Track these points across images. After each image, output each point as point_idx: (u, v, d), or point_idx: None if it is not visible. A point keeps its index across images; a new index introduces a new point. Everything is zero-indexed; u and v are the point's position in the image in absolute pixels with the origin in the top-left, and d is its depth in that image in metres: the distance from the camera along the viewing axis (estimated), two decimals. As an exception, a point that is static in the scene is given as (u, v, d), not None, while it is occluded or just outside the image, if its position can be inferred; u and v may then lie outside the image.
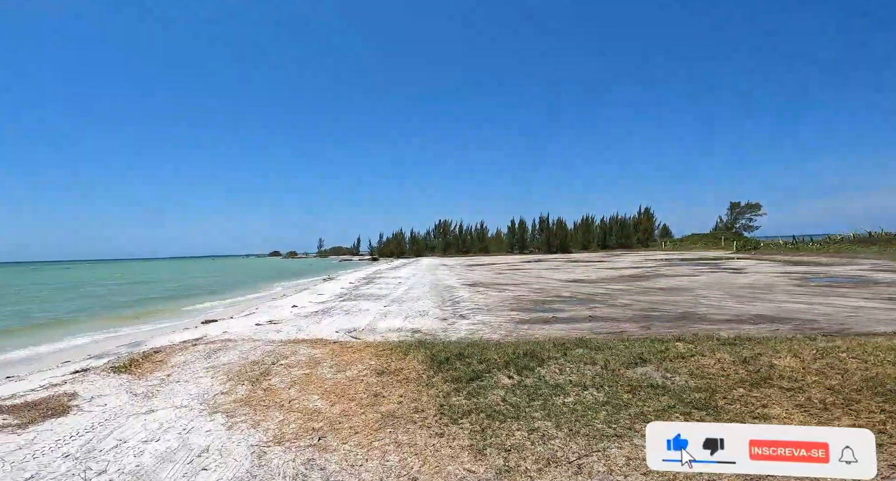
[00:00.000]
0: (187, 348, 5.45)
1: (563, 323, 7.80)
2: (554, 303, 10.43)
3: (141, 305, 15.12)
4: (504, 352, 4.43)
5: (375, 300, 11.32)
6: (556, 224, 58.41)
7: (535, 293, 12.43)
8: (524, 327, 7.41)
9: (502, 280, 17.57)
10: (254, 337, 6.55)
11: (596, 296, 11.25)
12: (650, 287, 12.98)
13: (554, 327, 7.39)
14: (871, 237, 26.46)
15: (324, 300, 11.72)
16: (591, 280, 16.40)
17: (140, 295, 19.78)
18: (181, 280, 30.87)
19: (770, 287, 11.99)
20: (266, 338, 6.40)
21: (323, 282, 19.35)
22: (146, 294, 20.46)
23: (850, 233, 28.31)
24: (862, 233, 27.85)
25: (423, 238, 73.05)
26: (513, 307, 9.84)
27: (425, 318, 8.38)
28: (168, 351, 5.30)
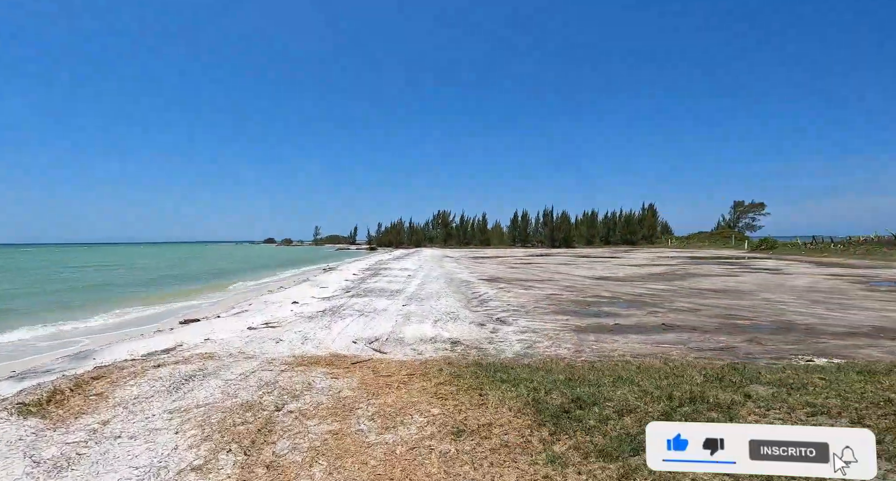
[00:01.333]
0: (146, 371, 3.83)
1: (632, 332, 6.27)
2: (600, 304, 8.90)
3: (105, 293, 13.40)
4: (634, 387, 2.87)
5: (390, 296, 9.71)
6: (560, 218, 56.87)
7: (569, 292, 10.91)
8: (589, 338, 5.87)
9: (520, 275, 16.05)
10: (246, 349, 4.93)
11: (643, 298, 9.73)
12: (697, 288, 11.49)
13: (628, 338, 5.86)
14: None
15: (329, 295, 10.09)
16: (619, 278, 14.92)
17: (113, 281, 17.98)
18: (163, 267, 29.00)
19: (841, 291, 10.52)
20: (263, 352, 4.79)
21: (324, 273, 17.69)
22: (123, 281, 18.66)
23: (873, 235, 27.08)
24: (886, 235, 26.61)
25: (422, 228, 71.30)
26: (555, 309, 8.29)
27: (459, 324, 6.80)
28: (117, 375, 3.67)
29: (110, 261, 35.70)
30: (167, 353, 4.87)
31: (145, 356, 4.74)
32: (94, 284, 16.72)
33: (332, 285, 12.28)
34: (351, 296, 9.67)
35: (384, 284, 12.22)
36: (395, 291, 10.63)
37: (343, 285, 12.24)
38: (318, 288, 11.79)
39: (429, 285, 12.14)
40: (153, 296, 12.33)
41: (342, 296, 9.79)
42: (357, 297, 9.47)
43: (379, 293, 10.24)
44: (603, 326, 6.77)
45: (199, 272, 23.39)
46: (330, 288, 11.64)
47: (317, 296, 9.87)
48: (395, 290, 10.80)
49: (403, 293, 10.36)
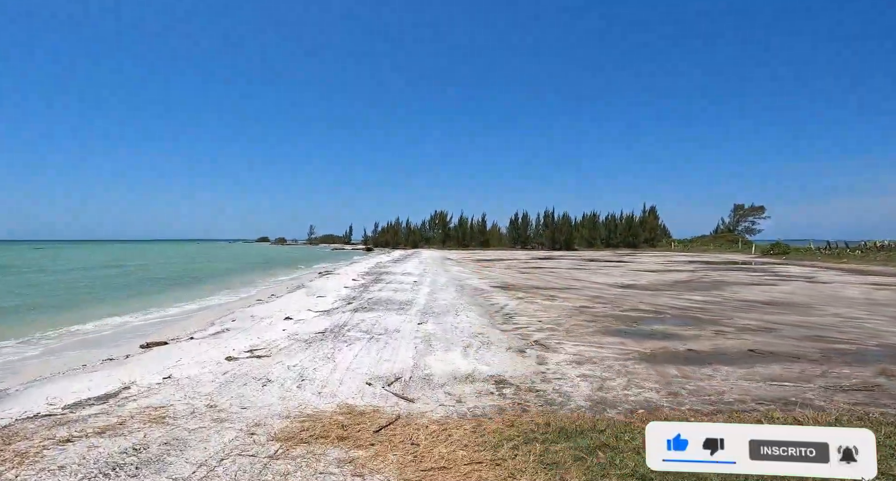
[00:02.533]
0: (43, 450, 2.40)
1: (718, 361, 4.94)
2: (646, 320, 7.57)
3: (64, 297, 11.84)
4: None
5: (399, 310, 8.32)
6: (561, 219, 55.64)
7: (599, 304, 9.58)
8: (670, 373, 4.54)
9: (535, 281, 14.72)
10: (218, 400, 3.53)
11: (692, 313, 8.42)
12: (742, 299, 10.20)
13: (721, 371, 4.53)
14: (922, 245, 24.29)
15: (328, 308, 8.67)
16: (644, 286, 13.63)
17: (76, 284, 16.34)
18: (145, 267, 27.32)
19: None
20: (243, 406, 3.39)
21: (320, 277, 16.23)
22: (92, 284, 17.04)
23: (887, 241, 26.11)
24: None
25: (419, 229, 69.85)
26: (598, 328, 6.95)
27: (494, 351, 5.43)
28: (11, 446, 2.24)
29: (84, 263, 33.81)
30: (102, 403, 3.45)
31: (68, 408, 3.32)
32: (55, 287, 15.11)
33: (331, 294, 10.86)
34: (354, 310, 8.26)
35: (389, 294, 10.82)
36: (404, 303, 9.23)
37: (343, 294, 10.82)
38: (314, 297, 10.35)
39: (440, 295, 10.76)
40: (122, 304, 10.81)
41: (344, 310, 8.37)
42: (362, 312, 8.06)
43: (386, 306, 8.84)
44: (674, 353, 5.44)
45: (183, 273, 21.79)
46: (328, 298, 10.21)
47: (314, 309, 8.45)
48: (403, 302, 9.40)
49: (414, 305, 8.97)
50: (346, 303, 9.19)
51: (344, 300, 9.73)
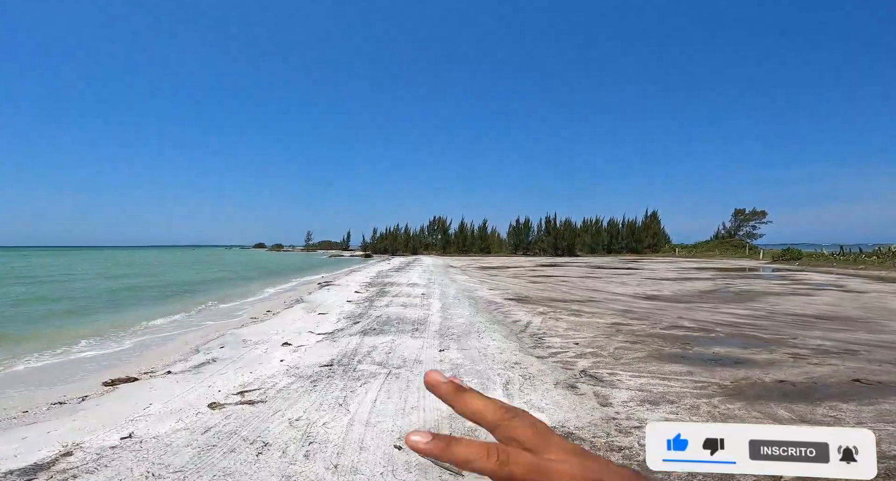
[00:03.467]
0: None
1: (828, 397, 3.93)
2: (698, 341, 6.58)
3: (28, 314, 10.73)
4: None
5: (414, 332, 7.31)
6: (563, 225, 54.72)
7: (634, 319, 8.59)
8: (783, 415, 3.53)
9: (550, 292, 13.74)
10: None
11: (744, 330, 7.45)
12: (788, 313, 9.22)
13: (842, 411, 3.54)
14: (943, 250, 23.48)
15: (332, 329, 7.64)
16: (670, 297, 12.68)
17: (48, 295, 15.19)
18: (133, 276, 26.12)
19: None
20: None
21: (319, 289, 15.16)
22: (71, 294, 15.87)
23: None
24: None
25: (418, 235, 68.84)
26: (648, 352, 5.96)
27: (540, 388, 4.44)
28: None
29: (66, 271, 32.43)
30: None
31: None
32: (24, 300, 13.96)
33: (334, 311, 9.81)
34: (362, 333, 7.23)
35: (398, 309, 9.79)
36: (417, 322, 8.21)
37: (347, 311, 9.78)
38: (315, 315, 9.31)
39: (455, 311, 9.74)
40: (101, 322, 9.71)
41: (350, 332, 7.35)
42: (372, 335, 7.04)
43: (398, 326, 7.82)
44: (763, 386, 4.46)
45: (173, 283, 20.61)
46: (331, 315, 9.17)
47: (315, 331, 7.41)
48: (416, 321, 8.38)
49: (429, 324, 7.95)
50: (352, 323, 8.16)
51: (349, 318, 8.69)
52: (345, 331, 7.37)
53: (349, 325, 7.92)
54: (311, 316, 9.19)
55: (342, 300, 11.62)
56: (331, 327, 7.80)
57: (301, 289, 15.90)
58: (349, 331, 7.35)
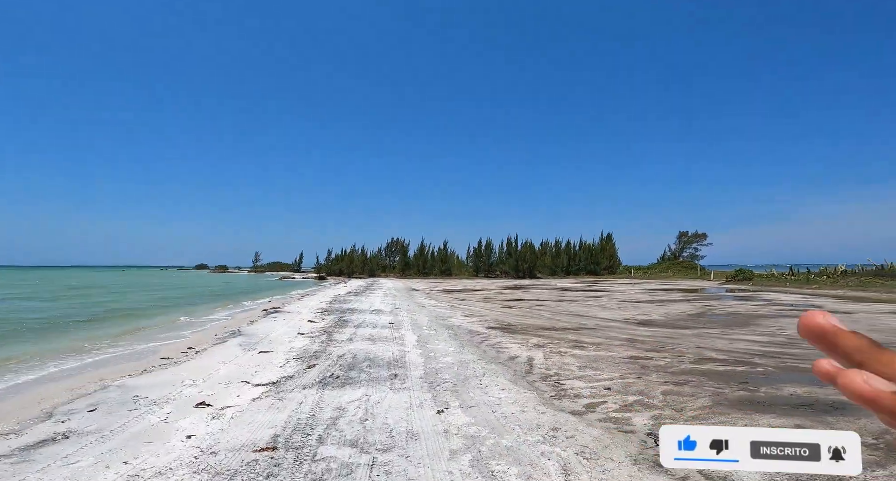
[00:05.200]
0: None
1: None
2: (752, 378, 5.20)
3: None
4: None
5: (392, 379, 5.46)
6: (524, 247, 54.47)
7: (650, 351, 7.22)
8: None
9: (533, 319, 12.30)
10: None
11: (785, 360, 6.20)
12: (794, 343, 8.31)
13: None
14: (883, 270, 24.79)
15: (277, 377, 5.58)
16: (664, 322, 11.64)
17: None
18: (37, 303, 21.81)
19: None
20: None
21: (264, 318, 12.72)
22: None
23: (858, 266, 26.72)
24: (868, 266, 26.32)
25: (375, 256, 66.13)
26: (708, 399, 4.52)
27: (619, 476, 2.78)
28: None
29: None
30: None
31: None
32: None
33: (281, 347, 7.69)
34: (321, 383, 5.27)
35: (366, 345, 7.85)
36: (392, 363, 6.34)
37: (299, 347, 7.70)
38: (255, 353, 7.14)
39: (434, 345, 7.96)
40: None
41: (304, 381, 5.36)
42: (334, 387, 5.10)
43: (369, 370, 5.92)
44: None
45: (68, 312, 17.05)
46: (277, 354, 7.07)
47: (253, 381, 5.35)
48: (391, 361, 6.51)
49: (409, 367, 6.12)
50: (306, 366, 6.15)
51: (301, 359, 6.65)
52: (296, 381, 5.37)
53: (302, 370, 5.91)
54: (248, 355, 7.02)
55: (292, 332, 9.45)
56: (276, 373, 5.75)
57: (241, 318, 13.34)
58: (302, 381, 5.36)
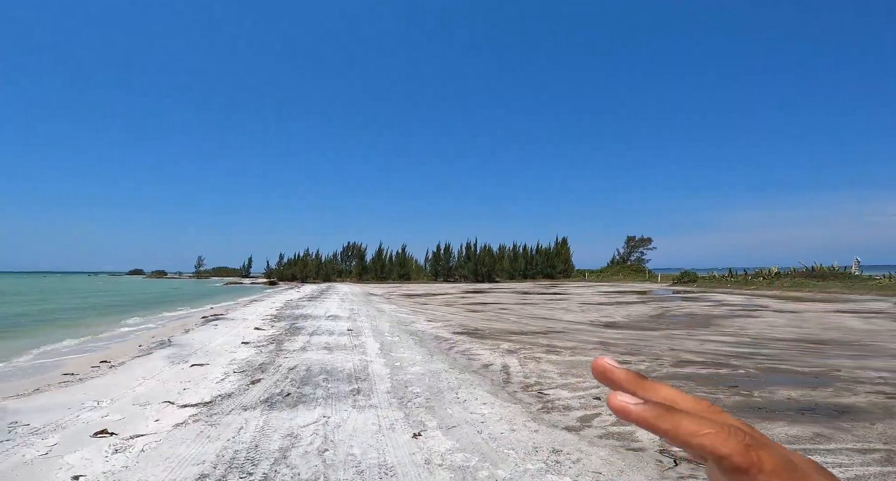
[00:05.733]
0: None
1: None
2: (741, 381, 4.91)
3: None
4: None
5: (354, 395, 4.67)
6: (483, 251, 54.57)
7: (626, 355, 6.91)
8: None
9: (500, 323, 11.83)
10: None
11: (766, 361, 6.04)
12: (777, 338, 8.34)
13: None
14: (813, 272, 26.89)
15: (210, 397, 4.58)
16: (628, 324, 11.58)
17: None
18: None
19: None
20: None
21: (203, 326, 11.27)
22: None
23: (791, 268, 28.87)
24: (799, 268, 28.48)
25: (330, 261, 63.67)
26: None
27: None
28: None
29: None
30: None
31: None
32: None
33: (220, 359, 6.59)
34: (267, 401, 4.37)
35: (322, 355, 6.93)
36: (354, 376, 5.52)
37: (242, 358, 6.64)
38: (187, 367, 6.01)
39: (400, 353, 7.19)
40: None
41: (244, 400, 4.42)
42: (284, 407, 4.22)
43: (326, 384, 5.06)
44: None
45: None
46: (215, 367, 5.99)
47: (179, 401, 4.33)
48: (352, 373, 5.68)
49: (373, 379, 5.32)
50: (249, 381, 5.17)
51: (244, 372, 5.64)
52: (235, 400, 4.42)
53: (244, 386, 4.94)
54: (177, 369, 5.89)
55: (235, 341, 8.30)
56: (210, 391, 4.75)
57: (174, 326, 11.79)
58: (243, 400, 4.42)
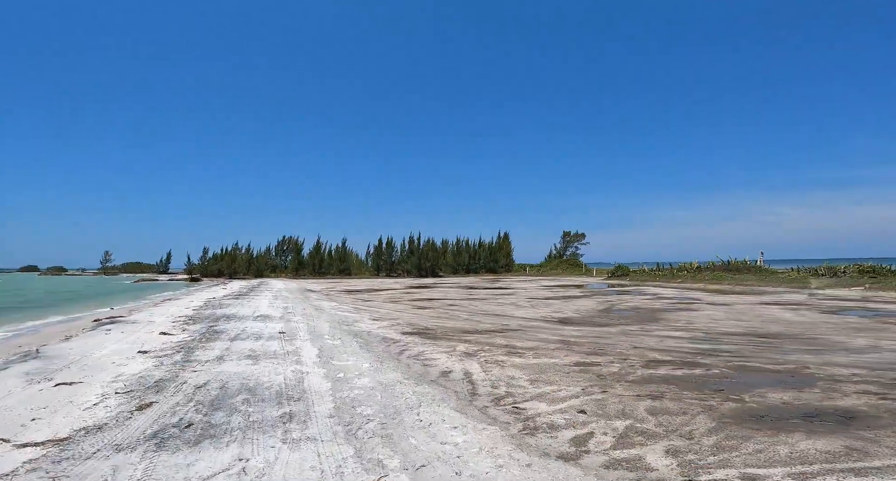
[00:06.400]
0: None
1: None
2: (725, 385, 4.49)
3: None
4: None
5: (286, 424, 3.56)
6: (426, 245, 53.75)
7: (588, 354, 6.42)
8: None
9: (451, 321, 11.09)
10: None
11: (726, 357, 5.82)
12: (727, 332, 8.37)
13: None
14: (729, 265, 29.37)
15: (69, 431, 3.24)
16: (582, 319, 11.38)
17: None
18: None
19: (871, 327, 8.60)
20: None
21: (93, 331, 9.14)
22: None
23: (709, 262, 31.33)
24: (717, 262, 30.99)
25: (263, 255, 59.37)
26: (709, 418, 3.60)
27: None
28: None
29: None
30: None
31: None
32: None
33: (100, 376, 5.06)
34: (156, 441, 3.14)
35: (243, 366, 5.64)
36: (285, 394, 4.39)
37: (132, 374, 5.16)
38: (46, 388, 4.46)
39: (342, 361, 6.11)
40: None
41: (118, 438, 3.15)
42: (176, 448, 3.02)
43: (245, 407, 3.89)
44: None
45: None
46: (88, 388, 4.50)
47: (17, 441, 2.96)
48: (281, 391, 4.54)
49: (310, 399, 4.23)
50: (136, 406, 3.84)
51: (129, 393, 4.26)
52: (106, 436, 3.13)
53: (125, 414, 3.62)
54: (34, 390, 4.34)
55: (130, 350, 6.66)
56: (72, 422, 3.39)
57: (52, 331, 9.55)
58: (117, 436, 3.14)
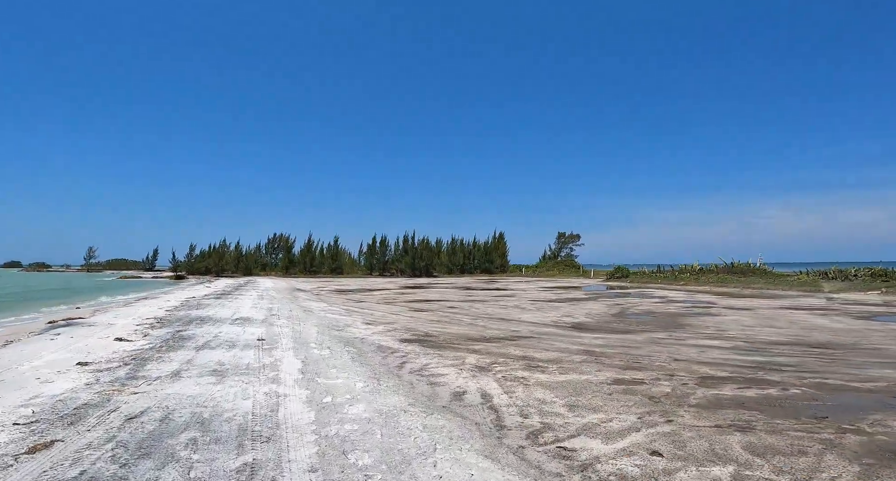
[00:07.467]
0: None
1: None
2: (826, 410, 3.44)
3: None
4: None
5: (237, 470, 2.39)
6: (421, 244, 52.61)
7: (625, 368, 5.37)
8: None
9: (454, 327, 10.02)
10: None
11: (791, 373, 4.84)
12: (767, 341, 7.39)
13: None
14: (733, 267, 28.65)
15: None
16: (598, 325, 10.38)
17: None
18: None
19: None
20: None
21: (39, 335, 7.91)
22: None
23: (711, 264, 30.65)
24: (720, 264, 30.29)
25: (253, 253, 57.82)
26: (848, 475, 2.55)
27: None
28: None
29: None
30: None
31: None
32: None
33: (9, 398, 3.90)
34: None
35: (201, 386, 4.51)
36: (247, 433, 3.27)
37: (50, 396, 4.00)
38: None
39: (330, 380, 5.00)
40: None
41: None
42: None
43: (188, 453, 2.77)
44: None
45: None
46: None
47: None
48: (244, 426, 3.41)
49: (284, 439, 3.12)
50: (26, 449, 2.69)
51: (30, 426, 3.10)
52: None
53: (2, 463, 2.48)
54: None
55: (68, 361, 5.48)
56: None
57: (0, 337, 8.29)
58: None
